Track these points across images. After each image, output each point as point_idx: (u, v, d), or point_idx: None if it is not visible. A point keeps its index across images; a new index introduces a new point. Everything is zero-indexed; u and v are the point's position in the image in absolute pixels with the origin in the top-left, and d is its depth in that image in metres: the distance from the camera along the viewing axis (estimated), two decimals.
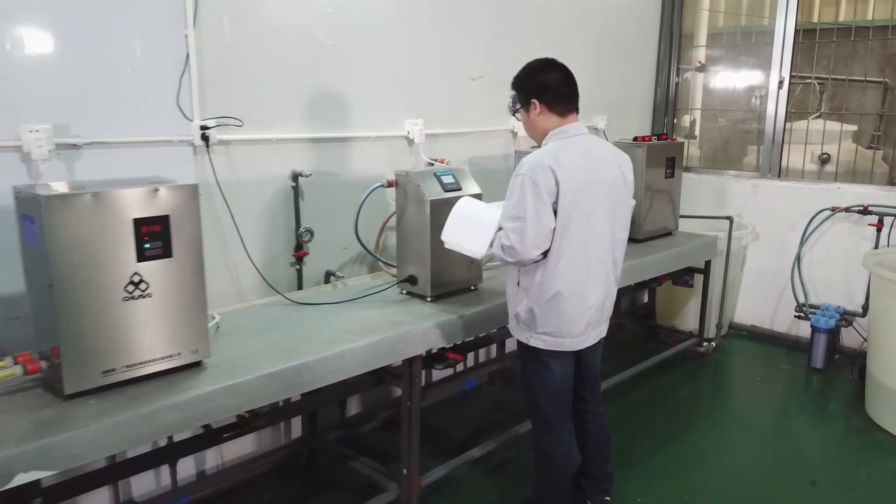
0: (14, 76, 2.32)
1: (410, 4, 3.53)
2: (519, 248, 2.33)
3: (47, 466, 1.77)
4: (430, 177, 2.97)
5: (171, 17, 2.66)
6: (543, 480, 2.69)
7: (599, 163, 2.45)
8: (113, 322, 2.00)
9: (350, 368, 2.46)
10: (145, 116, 2.65)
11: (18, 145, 2.34)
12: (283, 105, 3.09)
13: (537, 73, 2.51)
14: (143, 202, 2.02)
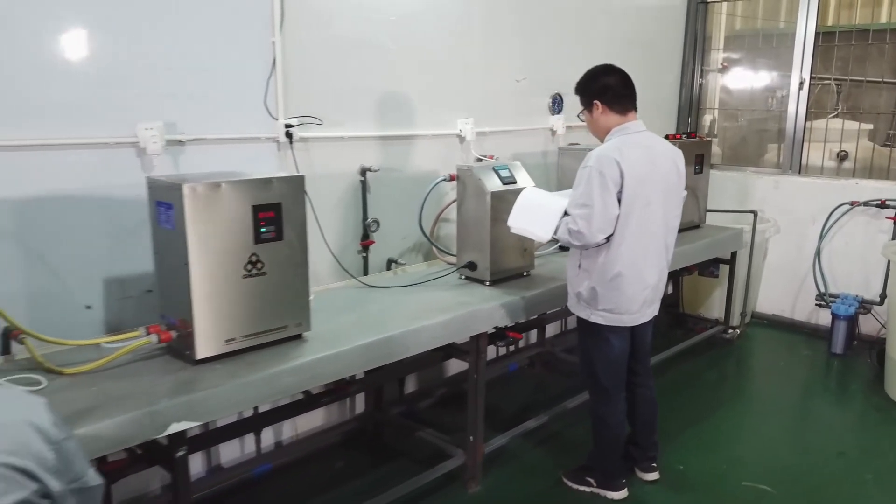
0: (130, 80, 2.59)
1: (463, 12, 3.79)
2: (586, 232, 2.60)
3: (193, 418, 2.04)
4: (489, 171, 3.24)
5: (260, 26, 2.93)
6: (600, 445, 2.96)
7: (657, 157, 2.71)
8: (235, 296, 2.27)
9: (429, 341, 2.74)
10: (237, 116, 2.92)
11: (135, 141, 2.61)
12: (354, 105, 3.35)
13: (598, 77, 2.78)
14: (260, 191, 2.29)
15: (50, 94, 2.40)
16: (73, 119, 2.46)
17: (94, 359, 2.18)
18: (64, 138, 2.44)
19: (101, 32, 2.49)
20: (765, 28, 6.23)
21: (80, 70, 2.46)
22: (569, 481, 3.10)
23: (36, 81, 2.37)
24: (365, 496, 2.80)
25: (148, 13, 2.59)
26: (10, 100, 2.32)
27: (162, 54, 2.65)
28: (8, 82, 2.31)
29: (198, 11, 2.73)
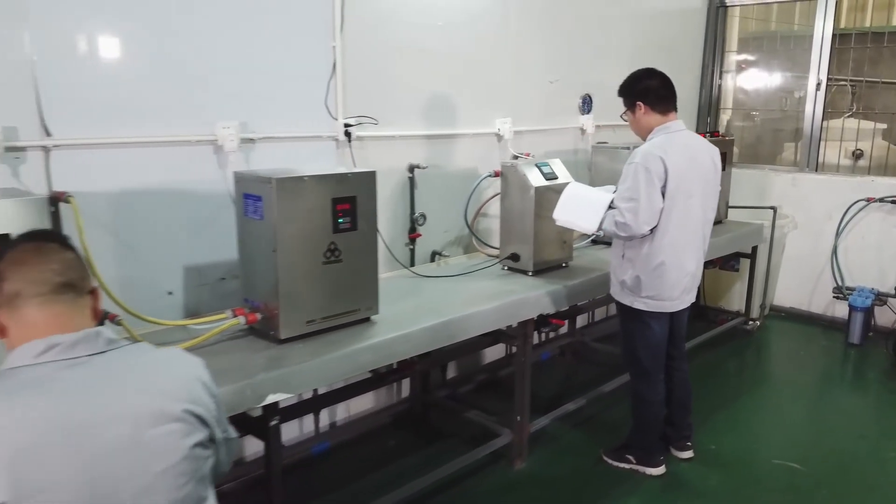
0: (210, 83, 2.79)
1: (501, 18, 4.00)
2: (633, 224, 2.80)
3: (287, 390, 2.24)
4: (532, 167, 3.44)
5: (321, 31, 3.14)
6: (640, 424, 3.17)
7: (696, 154, 2.92)
8: (315, 281, 2.47)
9: (483, 325, 2.94)
10: (301, 116, 3.12)
11: (214, 139, 2.82)
12: (404, 105, 3.56)
13: (640, 80, 2.98)
14: (339, 185, 2.49)
15: (146, 95, 2.61)
16: (163, 118, 2.67)
17: (182, 339, 2.39)
18: (154, 136, 2.65)
19: (187, 41, 2.70)
20: (778, 31, 6.44)
21: (169, 74, 2.66)
22: (609, 459, 3.30)
23: (135, 85, 2.58)
24: (418, 473, 2.99)
25: (226, 23, 2.80)
26: (115, 101, 2.53)
27: (237, 59, 2.86)
28: (113, 86, 2.52)
29: (268, 20, 2.93)
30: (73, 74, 2.44)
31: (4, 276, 1.32)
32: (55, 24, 2.37)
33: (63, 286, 1.35)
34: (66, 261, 1.39)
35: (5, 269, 1.33)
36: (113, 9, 2.50)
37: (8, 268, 1.33)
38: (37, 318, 1.31)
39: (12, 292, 1.31)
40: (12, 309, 1.31)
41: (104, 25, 2.49)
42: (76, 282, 1.38)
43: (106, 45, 2.50)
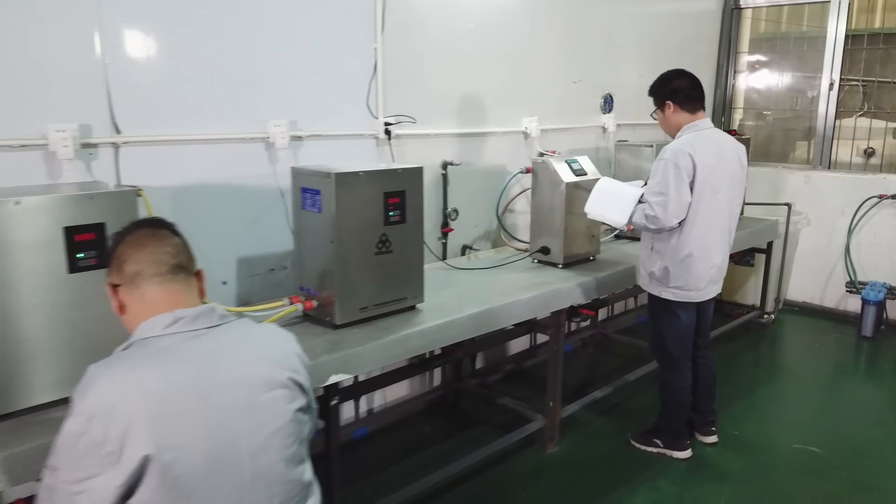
0: (261, 83, 2.94)
1: (528, 21, 4.14)
2: (662, 217, 2.94)
3: (346, 371, 2.39)
4: (563, 163, 3.58)
5: (364, 34, 3.28)
6: (667, 409, 3.31)
7: (723, 151, 3.06)
8: (368, 271, 2.62)
9: (521, 314, 3.09)
10: (344, 114, 3.27)
11: (265, 137, 2.96)
12: (439, 105, 3.71)
13: (671, 81, 3.12)
14: (390, 179, 2.64)
15: (205, 95, 2.76)
16: (220, 117, 2.82)
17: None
18: (212, 134, 2.80)
19: (242, 45, 2.84)
20: (788, 32, 6.58)
21: (225, 75, 2.81)
22: (637, 443, 3.44)
23: (195, 85, 2.72)
24: (453, 457, 3.14)
25: (277, 28, 2.94)
26: (176, 101, 2.68)
27: (287, 62, 3.00)
28: (175, 87, 2.67)
29: (316, 24, 3.08)
30: (140, 75, 2.59)
31: (125, 258, 1.47)
32: (124, 29, 2.52)
33: (177, 267, 1.50)
34: (178, 245, 1.54)
35: (125, 251, 1.48)
36: (175, 14, 2.64)
37: (127, 250, 1.48)
38: (156, 296, 1.46)
39: (133, 272, 1.46)
40: (133, 287, 1.46)
41: (168, 30, 2.63)
42: (186, 264, 1.53)
43: (169, 48, 2.65)
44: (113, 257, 1.49)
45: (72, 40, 2.41)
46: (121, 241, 1.50)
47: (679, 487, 3.14)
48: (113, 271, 1.48)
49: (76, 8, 2.40)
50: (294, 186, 2.66)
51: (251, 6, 2.85)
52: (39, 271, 1.85)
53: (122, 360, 1.36)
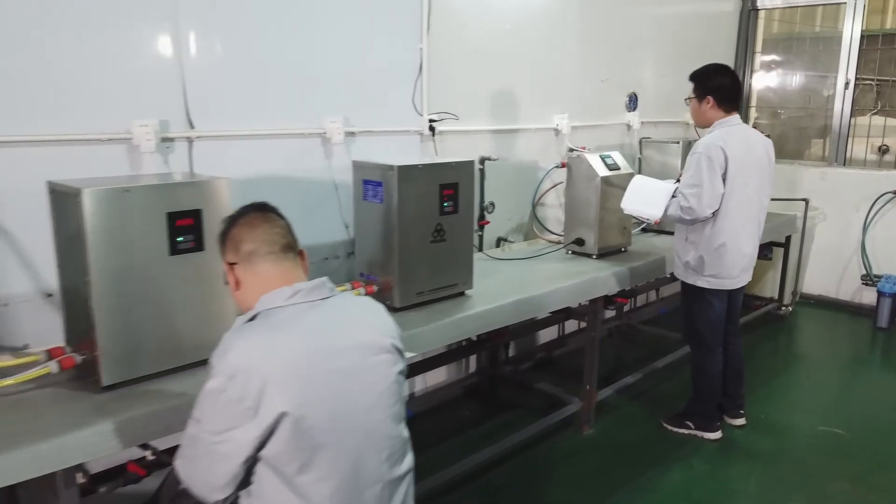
0: (318, 82, 3.11)
1: (559, 22, 4.31)
2: (696, 208, 3.11)
3: (414, 350, 2.52)
4: (597, 158, 3.75)
5: (410, 35, 3.45)
6: (699, 392, 3.48)
7: (753, 146, 3.23)
8: (425, 258, 2.79)
9: (563, 300, 3.27)
10: (391, 112, 3.44)
11: (322, 132, 3.13)
12: (476, 103, 3.87)
13: (716, 75, 3.29)
14: (446, 172, 2.81)
15: (269, 93, 2.93)
16: (281, 113, 2.99)
17: None
18: (274, 129, 2.97)
19: (301, 47, 3.01)
20: (800, 33, 6.75)
21: (286, 75, 2.98)
22: (669, 426, 3.61)
23: (259, 84, 2.90)
24: (495, 438, 3.30)
25: (333, 30, 3.11)
26: (243, 98, 2.85)
27: (339, 62, 3.17)
28: (242, 85, 2.84)
29: (367, 26, 3.24)
30: (212, 75, 2.75)
31: (241, 238, 1.64)
32: (198, 32, 2.69)
33: (287, 246, 1.67)
34: (285, 227, 1.71)
35: (240, 232, 1.65)
36: (243, 19, 2.81)
37: (242, 231, 1.65)
38: (270, 272, 1.63)
39: (249, 251, 1.63)
40: (248, 265, 1.63)
41: (236, 33, 2.80)
42: (293, 244, 1.70)
43: (237, 50, 2.81)
44: (228, 238, 1.66)
45: (153, 43, 2.58)
46: (234, 223, 1.67)
47: (712, 466, 3.31)
48: (230, 251, 1.65)
49: (157, 14, 2.57)
50: (355, 178, 2.82)
51: (309, 11, 3.02)
52: (146, 253, 2.01)
53: (256, 328, 1.53)
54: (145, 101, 2.58)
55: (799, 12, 6.74)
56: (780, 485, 3.16)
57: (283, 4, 2.93)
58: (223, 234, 1.68)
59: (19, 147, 2.32)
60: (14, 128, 2.30)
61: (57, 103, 2.39)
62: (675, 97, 5.29)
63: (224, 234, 1.68)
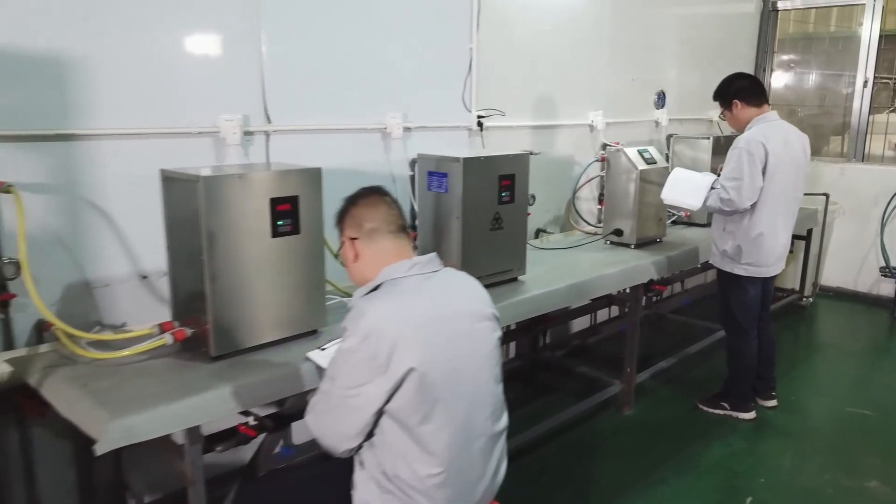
0: (380, 80, 3.30)
1: (595, 23, 4.50)
2: (737, 199, 3.29)
3: None
4: (636, 153, 3.93)
5: (462, 36, 3.64)
6: (735, 374, 3.67)
7: (790, 140, 3.41)
8: (484, 244, 2.98)
9: (609, 286, 3.46)
10: (443, 108, 3.63)
11: (383, 128, 3.32)
12: (519, 100, 4.06)
13: (732, 83, 3.51)
14: (504, 164, 3.00)
15: (336, 90, 3.12)
16: (347, 109, 3.18)
17: None
18: (341, 124, 3.16)
19: (365, 47, 3.20)
20: (816, 33, 6.94)
21: (352, 73, 3.17)
22: (704, 406, 3.80)
23: (328, 81, 3.09)
24: (540, 419, 3.48)
25: (392, 33, 3.30)
26: (314, 94, 3.04)
27: (398, 61, 3.35)
28: (313, 82, 3.03)
29: (422, 28, 3.43)
30: (287, 73, 2.94)
31: (364, 216, 1.84)
32: (276, 34, 2.87)
33: (402, 227, 1.87)
34: (399, 208, 1.91)
35: (363, 211, 1.85)
36: (312, 22, 3.00)
37: (365, 210, 1.85)
38: (389, 248, 1.82)
39: (370, 228, 1.83)
40: (370, 241, 1.83)
41: (307, 34, 2.98)
42: (405, 224, 1.90)
43: (308, 50, 3.00)
44: (350, 216, 1.86)
45: (238, 46, 2.77)
46: (356, 203, 1.86)
47: (749, 443, 3.49)
48: (352, 227, 1.85)
49: (241, 20, 2.76)
50: (420, 170, 3.01)
51: (371, 14, 3.20)
52: (251, 235, 2.20)
53: (384, 295, 1.72)
54: (230, 98, 2.77)
55: (813, 13, 6.92)
56: (815, 459, 3.35)
57: (349, 9, 3.11)
58: (344, 212, 1.88)
59: (124, 140, 2.52)
60: (120, 122, 2.49)
61: (157, 100, 2.58)
62: (699, 95, 5.52)
63: (345, 211, 1.88)
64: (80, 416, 1.90)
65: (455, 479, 1.72)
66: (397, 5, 3.30)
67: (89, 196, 2.47)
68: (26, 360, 2.22)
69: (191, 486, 2.00)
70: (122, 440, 1.80)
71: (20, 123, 2.28)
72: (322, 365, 2.14)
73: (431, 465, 1.68)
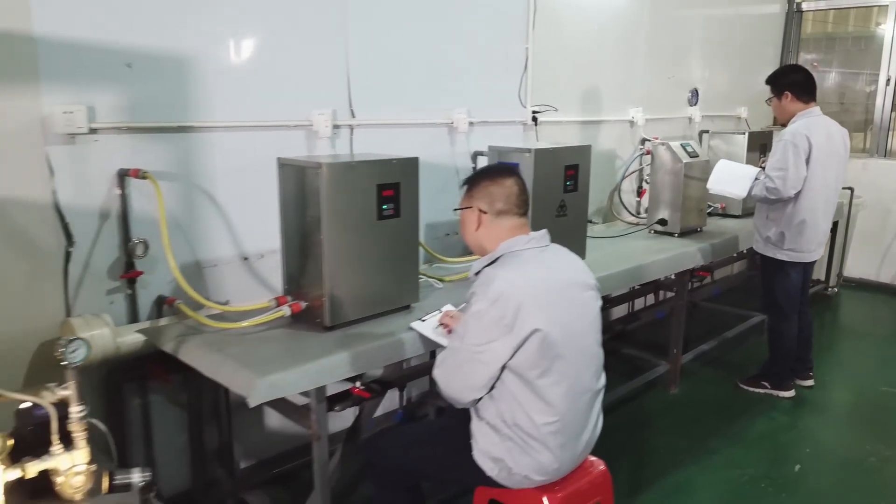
0: (445, 79, 3.53)
1: (636, 23, 4.73)
2: (782, 188, 3.52)
3: None
4: (679, 146, 4.16)
5: (519, 36, 3.87)
6: (777, 354, 3.89)
7: (832, 134, 3.64)
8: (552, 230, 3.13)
9: (661, 271, 3.68)
10: (501, 104, 3.86)
11: (450, 122, 3.56)
12: (568, 96, 4.29)
13: (788, 74, 3.70)
14: (568, 155, 3.23)
15: (409, 88, 3.36)
16: (419, 105, 3.41)
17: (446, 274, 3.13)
18: (413, 119, 3.39)
19: (435, 48, 3.43)
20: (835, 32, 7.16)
21: (423, 72, 3.40)
22: (746, 386, 4.02)
23: (402, 80, 3.32)
24: None
25: (457, 34, 3.53)
26: (390, 91, 3.27)
27: (463, 61, 3.59)
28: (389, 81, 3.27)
29: (484, 29, 3.67)
30: (367, 72, 3.17)
31: (497, 196, 2.07)
32: (360, 37, 3.11)
33: (525, 205, 2.09)
34: (525, 189, 2.12)
35: (497, 191, 2.07)
36: (393, 25, 3.23)
37: (499, 191, 2.07)
38: (511, 225, 2.06)
39: (500, 209, 2.07)
40: (496, 218, 2.05)
41: (384, 37, 3.22)
42: (528, 205, 2.12)
43: (385, 51, 3.23)
44: (484, 190, 2.07)
45: (328, 47, 3.01)
46: (493, 181, 2.08)
47: (790, 418, 3.72)
48: (483, 201, 2.06)
49: (330, 23, 2.99)
50: (490, 159, 3.24)
51: (439, 17, 3.43)
52: (360, 217, 2.43)
53: (509, 264, 1.95)
54: (320, 95, 3.01)
55: (832, 14, 7.14)
56: (855, 432, 3.58)
57: (421, 15, 3.34)
58: (478, 182, 2.09)
59: (231, 132, 2.75)
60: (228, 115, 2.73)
61: (259, 96, 2.81)
62: (727, 93, 5.75)
63: (480, 183, 2.08)
64: (227, 376, 2.13)
65: (566, 429, 1.95)
66: (463, 9, 3.53)
67: (201, 183, 2.71)
68: (156, 331, 2.45)
69: (315, 441, 2.24)
70: (269, 395, 2.03)
71: (151, 116, 2.52)
72: (425, 334, 2.39)
73: (548, 415, 1.91)
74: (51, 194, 2.34)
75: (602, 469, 2.18)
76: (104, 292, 2.51)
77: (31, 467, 1.77)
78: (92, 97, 2.38)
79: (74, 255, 2.42)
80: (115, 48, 2.41)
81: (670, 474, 3.13)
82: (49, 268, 2.37)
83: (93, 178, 2.43)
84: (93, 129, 2.38)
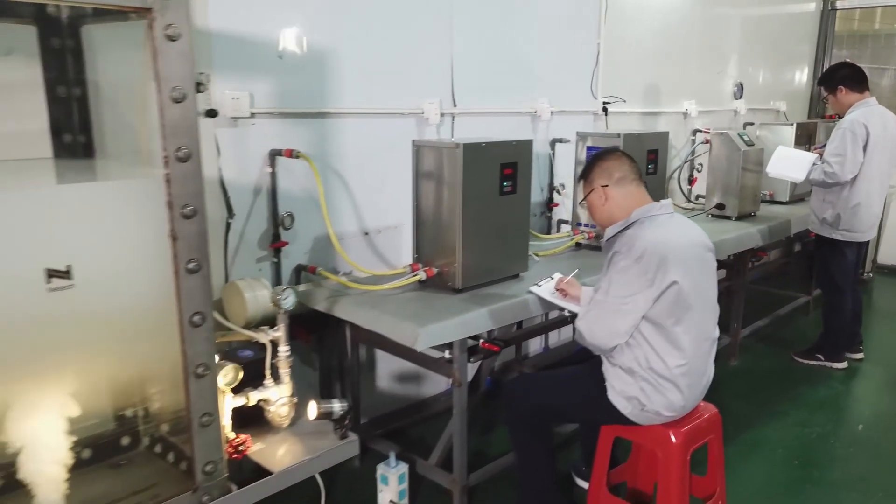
0: (530, 71, 3.83)
1: (688, 20, 5.02)
2: (839, 173, 3.81)
3: None
4: (737, 136, 4.45)
5: (591, 31, 4.16)
6: (831, 328, 4.18)
7: (887, 123, 3.93)
8: None
9: (728, 250, 3.96)
10: (576, 95, 4.15)
11: (534, 111, 3.85)
12: (632, 88, 4.58)
13: (838, 70, 4.01)
14: (651, 140, 3.53)
15: (498, 79, 3.66)
16: (507, 96, 3.71)
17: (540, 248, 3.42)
18: (502, 108, 3.69)
19: (521, 43, 3.73)
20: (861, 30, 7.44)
21: (509, 66, 3.70)
22: (800, 358, 4.32)
23: (491, 72, 3.62)
24: None
25: (540, 30, 3.83)
26: (482, 83, 3.58)
27: (542, 56, 3.88)
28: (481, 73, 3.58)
29: (563, 25, 3.97)
30: (467, 65, 3.46)
31: (613, 167, 2.35)
32: (462, 34, 3.41)
33: (638, 170, 2.38)
34: (632, 158, 2.41)
35: (612, 164, 2.36)
36: (487, 23, 3.53)
37: (613, 163, 2.36)
38: (635, 192, 2.34)
39: (620, 176, 2.34)
40: (619, 186, 2.34)
41: (481, 35, 3.52)
42: (642, 176, 2.41)
43: (481, 46, 3.53)
44: (599, 168, 2.36)
45: (437, 43, 3.31)
46: (604, 159, 2.38)
47: (846, 386, 4.02)
48: (602, 177, 2.35)
49: (439, 23, 3.29)
50: (578, 146, 3.54)
51: (526, 13, 3.73)
52: (487, 193, 2.73)
53: (647, 227, 2.24)
54: (429, 86, 3.31)
55: (858, 12, 7.43)
56: None
57: (512, 15, 3.64)
58: (592, 167, 2.39)
59: (358, 118, 3.05)
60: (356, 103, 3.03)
61: (381, 86, 3.11)
62: (765, 87, 6.04)
63: (593, 166, 2.39)
64: (388, 328, 2.43)
65: (692, 371, 2.25)
66: (545, 8, 3.83)
67: (333, 163, 3.01)
68: (306, 294, 2.75)
69: (457, 387, 2.54)
70: (431, 342, 2.34)
71: (296, 102, 2.82)
72: (544, 297, 2.69)
73: (679, 358, 2.21)
74: (217, 171, 2.64)
75: (714, 411, 2.47)
76: (254, 260, 2.82)
77: (253, 395, 2.08)
78: (251, 85, 2.68)
79: (233, 226, 2.72)
80: (269, 40, 2.71)
81: (747, 432, 3.43)
82: (214, 238, 2.66)
83: (250, 157, 2.73)
84: (253, 113, 2.68)
